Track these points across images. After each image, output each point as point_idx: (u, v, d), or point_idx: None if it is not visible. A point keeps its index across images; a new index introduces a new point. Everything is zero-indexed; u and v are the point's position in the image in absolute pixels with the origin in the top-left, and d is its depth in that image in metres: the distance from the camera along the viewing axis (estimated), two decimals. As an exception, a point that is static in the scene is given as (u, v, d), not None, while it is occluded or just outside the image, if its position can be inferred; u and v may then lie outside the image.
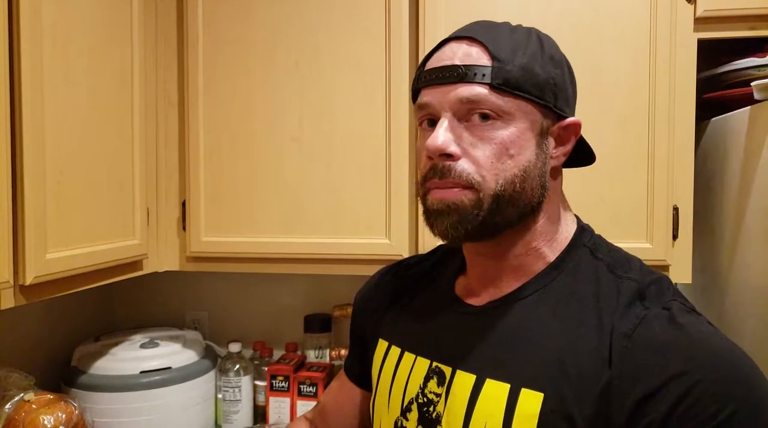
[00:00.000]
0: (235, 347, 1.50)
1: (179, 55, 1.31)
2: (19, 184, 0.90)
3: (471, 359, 0.63)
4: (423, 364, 0.67)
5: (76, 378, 1.33)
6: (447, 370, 0.65)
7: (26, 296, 0.93)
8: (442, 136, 0.61)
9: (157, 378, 1.35)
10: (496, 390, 0.60)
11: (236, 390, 1.48)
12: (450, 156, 0.61)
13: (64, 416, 1.09)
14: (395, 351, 0.73)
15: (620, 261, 0.64)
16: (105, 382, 1.32)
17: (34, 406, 1.09)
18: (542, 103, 0.62)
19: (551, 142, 0.65)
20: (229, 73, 1.29)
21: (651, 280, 0.61)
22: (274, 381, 1.46)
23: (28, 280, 0.90)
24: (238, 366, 1.49)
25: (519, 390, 0.59)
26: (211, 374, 1.47)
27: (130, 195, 1.20)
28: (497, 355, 0.62)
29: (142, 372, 1.35)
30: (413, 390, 0.67)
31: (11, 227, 0.88)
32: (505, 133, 0.61)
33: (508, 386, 0.60)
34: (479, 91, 0.61)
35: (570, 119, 0.65)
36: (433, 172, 0.62)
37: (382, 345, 0.76)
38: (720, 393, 0.51)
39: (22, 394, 1.11)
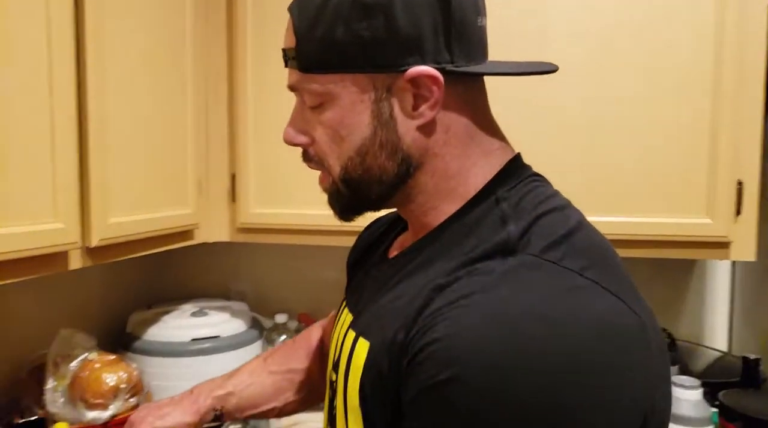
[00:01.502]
0: (281, 318, 1.55)
1: (228, 27, 1.35)
2: (84, 154, 0.95)
3: (360, 314, 0.63)
4: (348, 319, 0.67)
5: (131, 343, 1.40)
6: (349, 327, 0.64)
7: (92, 258, 0.98)
8: (288, 126, 0.62)
9: (206, 345, 1.40)
10: (350, 340, 0.61)
11: (281, 358, 1.52)
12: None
13: (125, 375, 1.15)
14: (343, 304, 0.74)
15: (524, 212, 0.55)
16: (158, 348, 1.38)
17: (97, 365, 1.15)
18: (358, 72, 0.56)
19: (405, 101, 0.56)
20: (278, 46, 1.31)
21: (533, 230, 0.53)
22: (318, 351, 1.50)
23: (94, 243, 0.95)
24: (284, 336, 1.54)
25: (358, 339, 0.59)
26: (258, 344, 1.52)
27: (184, 166, 1.25)
28: (369, 308, 0.62)
29: (192, 339, 1.40)
30: (338, 346, 0.66)
31: (79, 193, 0.93)
32: (332, 114, 0.58)
33: (354, 334, 0.60)
34: (294, 78, 0.59)
35: (411, 72, 0.54)
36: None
37: (343, 299, 0.77)
38: (446, 357, 0.46)
39: (86, 354, 1.17)
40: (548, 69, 0.60)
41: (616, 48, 1.18)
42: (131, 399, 1.16)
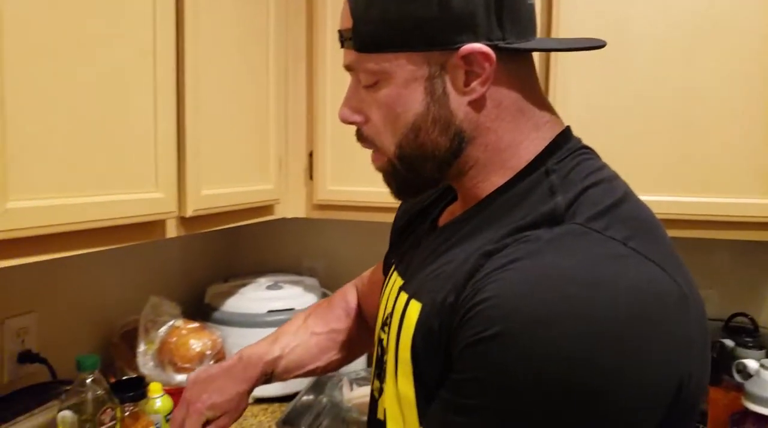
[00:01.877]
0: (351, 294, 1.58)
1: (308, 9, 1.37)
2: (181, 131, 0.99)
3: (412, 278, 0.66)
4: (398, 283, 0.70)
5: (210, 313, 1.46)
6: (400, 289, 0.67)
7: (185, 227, 1.03)
8: (343, 106, 0.64)
9: (282, 317, 1.44)
10: (403, 302, 0.63)
11: (352, 333, 1.56)
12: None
13: (209, 342, 1.20)
14: (393, 268, 0.76)
15: (572, 183, 0.57)
16: (236, 319, 1.44)
17: (183, 332, 1.21)
18: (412, 50, 0.57)
19: (457, 77, 0.58)
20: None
21: (580, 201, 0.54)
22: (388, 327, 1.53)
23: (189, 213, 1.00)
24: (353, 311, 1.57)
25: (410, 301, 0.62)
26: (329, 318, 1.55)
27: (266, 144, 1.28)
28: (420, 273, 0.64)
29: (269, 311, 1.45)
30: (389, 307, 0.69)
31: (177, 166, 0.97)
32: (386, 92, 0.60)
33: (406, 296, 0.63)
34: (350, 58, 0.62)
35: (464, 49, 0.56)
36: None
37: (392, 264, 0.79)
38: (493, 315, 0.49)
39: (173, 321, 1.23)
40: (596, 45, 0.62)
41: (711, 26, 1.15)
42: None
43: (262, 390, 0.95)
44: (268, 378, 0.90)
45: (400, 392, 0.62)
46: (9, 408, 0.93)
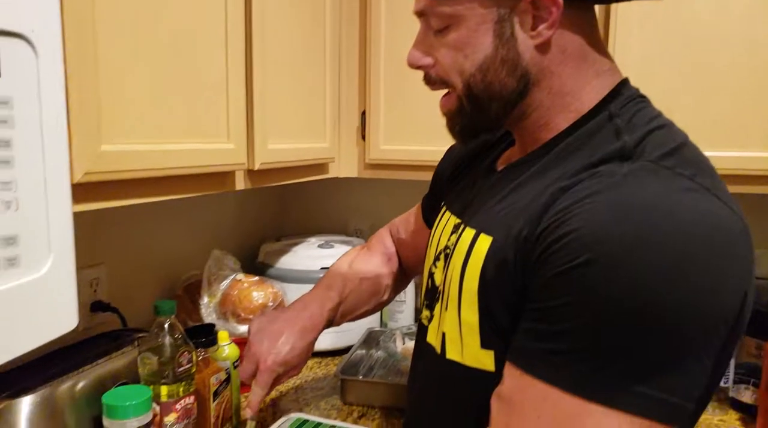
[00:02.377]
0: (399, 253, 1.61)
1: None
2: (249, 85, 1.01)
3: (475, 215, 0.69)
4: (453, 221, 0.74)
5: (265, 270, 1.49)
6: (460, 226, 0.71)
7: (252, 180, 1.05)
8: (412, 49, 0.68)
9: (334, 275, 1.48)
10: (470, 236, 0.66)
11: (402, 292, 1.58)
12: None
13: (271, 294, 1.23)
14: (444, 209, 0.80)
15: (636, 126, 0.60)
16: (290, 275, 1.47)
17: (245, 285, 1.24)
18: None
19: (525, 21, 0.61)
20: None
21: (646, 142, 0.57)
22: (437, 286, 1.56)
23: (256, 165, 1.02)
24: (402, 271, 1.59)
25: (479, 235, 0.65)
26: (378, 277, 1.58)
27: (322, 103, 1.30)
28: (486, 211, 0.67)
29: (322, 268, 1.48)
30: (443, 243, 0.74)
31: (246, 119, 0.99)
32: (456, 35, 0.63)
33: (474, 231, 0.66)
34: (423, 3, 0.65)
35: None
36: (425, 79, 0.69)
37: (443, 206, 0.83)
38: (582, 244, 0.51)
39: (234, 274, 1.26)
40: None
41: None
42: (276, 318, 1.25)
43: (316, 344, 0.98)
44: (329, 324, 0.93)
45: (463, 319, 0.65)
46: (87, 351, 0.97)
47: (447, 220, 0.77)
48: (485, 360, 0.64)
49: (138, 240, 1.28)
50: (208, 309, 1.23)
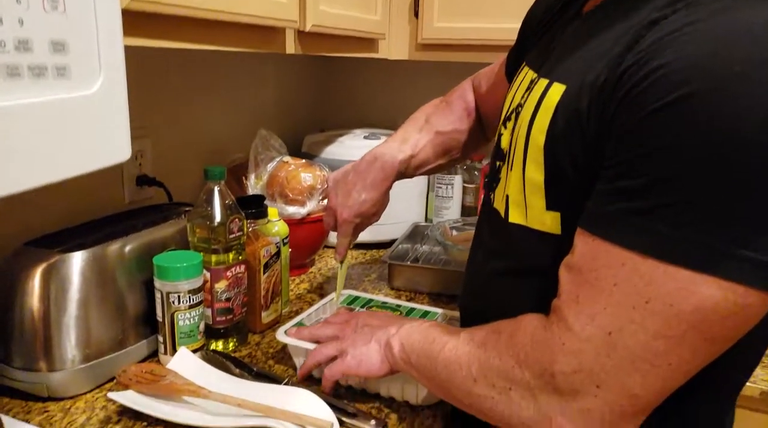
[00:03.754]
0: (448, 147, 1.54)
1: None
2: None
3: (551, 66, 0.62)
4: (529, 77, 0.67)
5: (309, 159, 1.44)
6: (535, 80, 0.64)
7: (302, 45, 0.98)
8: None
9: (381, 165, 1.42)
10: (542, 87, 0.60)
11: (449, 187, 1.53)
12: None
13: (319, 177, 1.19)
14: (523, 64, 0.73)
15: None
16: (336, 165, 1.41)
17: (291, 166, 1.20)
18: None
19: None
20: None
21: None
22: (487, 179, 1.49)
23: (308, 26, 0.95)
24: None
25: (551, 85, 0.59)
26: (424, 171, 1.53)
27: (373, -29, 1.20)
28: (562, 59, 0.60)
29: (367, 158, 1.42)
30: (516, 101, 0.68)
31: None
32: None
33: (546, 81, 0.60)
34: None
35: None
36: None
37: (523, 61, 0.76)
38: (678, 78, 0.44)
39: (280, 156, 1.22)
40: None
41: None
42: (324, 201, 1.21)
43: (360, 236, 0.98)
44: (401, 174, 0.90)
45: (528, 178, 0.60)
46: (135, 219, 0.95)
47: (524, 76, 0.70)
48: (550, 223, 0.59)
49: (181, 117, 1.23)
50: (254, 190, 1.20)
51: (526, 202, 0.61)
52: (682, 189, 0.44)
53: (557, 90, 0.57)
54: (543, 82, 0.61)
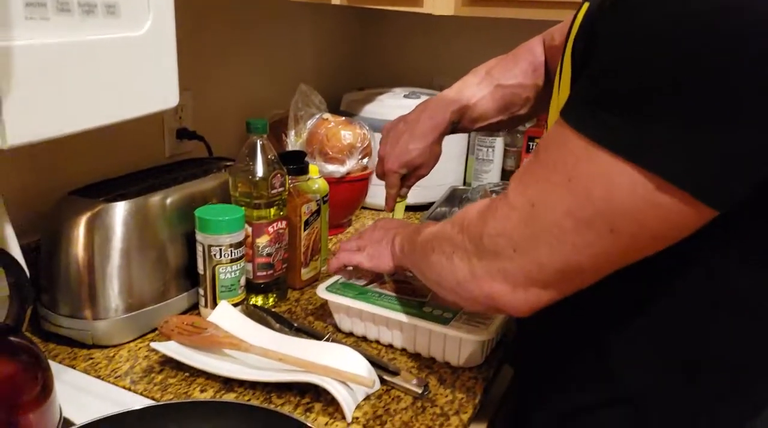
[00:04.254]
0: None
1: None
2: None
3: None
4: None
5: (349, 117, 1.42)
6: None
7: (348, -4, 0.95)
8: None
9: (421, 125, 1.39)
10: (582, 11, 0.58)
11: (489, 150, 1.49)
12: None
13: (360, 135, 1.17)
14: None
15: None
16: (375, 124, 1.38)
17: (331, 124, 1.18)
18: None
19: None
20: None
21: None
22: (531, 143, 1.45)
23: (354, -24, 0.92)
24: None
25: (584, 4, 0.58)
26: (465, 134, 1.49)
27: None
28: None
29: (408, 118, 1.39)
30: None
31: None
32: None
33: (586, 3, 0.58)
34: None
35: None
36: None
37: None
38: None
39: (320, 113, 1.20)
40: None
41: None
42: (363, 160, 1.19)
43: None
44: (454, 126, 0.87)
45: (559, 103, 0.58)
46: (177, 172, 0.94)
47: None
48: None
49: (220, 71, 1.21)
50: (294, 147, 1.18)
51: None
52: (619, 79, 0.45)
53: (583, 9, 0.57)
54: (584, 5, 0.59)
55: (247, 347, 0.75)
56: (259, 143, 0.88)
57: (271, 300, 0.94)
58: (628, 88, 0.44)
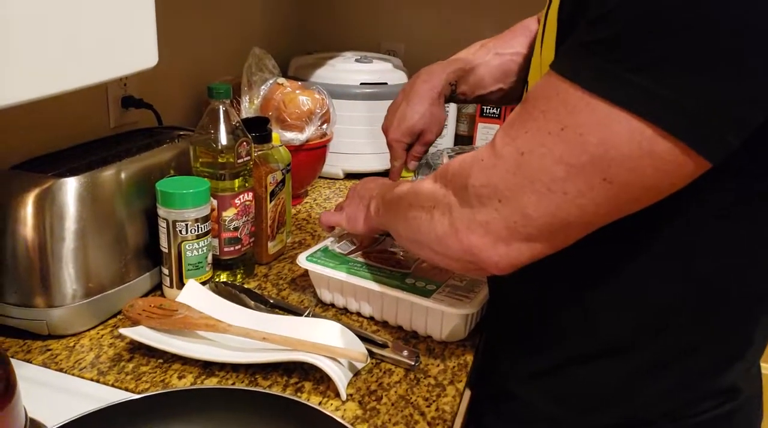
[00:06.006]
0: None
1: None
2: None
3: None
4: None
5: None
6: None
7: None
8: None
9: (376, 91, 1.35)
10: None
11: (443, 115, 1.47)
12: None
13: (319, 100, 1.11)
14: None
15: None
16: (328, 89, 1.34)
17: (287, 88, 1.12)
18: None
19: None
20: None
21: None
22: (484, 108, 1.44)
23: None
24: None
25: None
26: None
27: None
28: None
29: (361, 83, 1.35)
30: None
31: None
32: None
33: None
34: None
35: None
36: None
37: None
38: None
39: (275, 77, 1.13)
40: None
41: None
42: (323, 126, 1.14)
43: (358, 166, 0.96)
44: (452, 92, 0.84)
45: (543, 60, 0.58)
46: (128, 143, 0.86)
47: None
48: None
49: (167, 36, 1.12)
50: (247, 114, 1.11)
51: None
52: (614, 25, 0.44)
53: None
54: None
55: (225, 327, 0.70)
56: (221, 109, 0.82)
57: (238, 276, 0.89)
58: (625, 35, 0.43)
